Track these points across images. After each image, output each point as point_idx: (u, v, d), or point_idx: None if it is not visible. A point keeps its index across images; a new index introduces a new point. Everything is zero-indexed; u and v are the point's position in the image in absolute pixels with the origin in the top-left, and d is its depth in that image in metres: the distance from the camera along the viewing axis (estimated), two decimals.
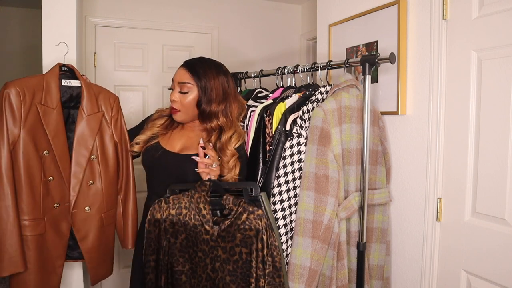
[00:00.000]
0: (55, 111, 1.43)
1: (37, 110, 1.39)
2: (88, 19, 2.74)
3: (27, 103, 1.37)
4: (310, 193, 1.39)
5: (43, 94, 1.42)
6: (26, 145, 1.37)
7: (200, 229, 1.35)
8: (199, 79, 1.49)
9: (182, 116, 1.53)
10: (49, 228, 1.45)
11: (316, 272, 1.38)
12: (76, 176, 1.48)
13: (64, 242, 1.50)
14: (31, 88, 1.39)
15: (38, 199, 1.41)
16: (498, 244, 1.33)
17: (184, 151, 1.53)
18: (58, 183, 1.46)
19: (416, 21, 1.59)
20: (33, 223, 1.40)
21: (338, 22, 1.99)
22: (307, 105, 1.50)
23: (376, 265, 1.60)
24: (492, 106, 1.35)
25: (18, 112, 1.35)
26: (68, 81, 1.51)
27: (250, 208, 1.31)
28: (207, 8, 3.09)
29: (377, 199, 1.57)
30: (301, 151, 1.45)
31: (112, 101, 1.58)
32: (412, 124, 1.61)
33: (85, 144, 1.49)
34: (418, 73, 1.59)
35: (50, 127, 1.42)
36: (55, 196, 1.46)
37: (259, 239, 1.31)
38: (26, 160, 1.37)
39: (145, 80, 2.95)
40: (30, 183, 1.39)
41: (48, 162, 1.43)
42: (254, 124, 1.61)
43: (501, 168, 1.32)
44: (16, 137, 1.35)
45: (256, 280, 1.31)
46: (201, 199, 1.34)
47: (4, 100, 1.34)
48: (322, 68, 1.64)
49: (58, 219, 1.48)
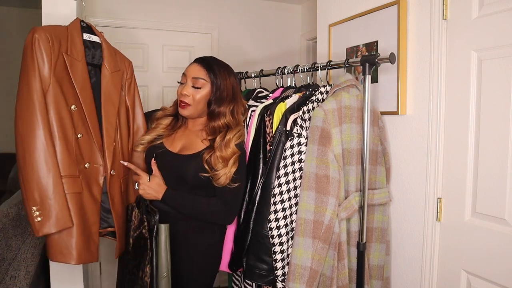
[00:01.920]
0: (80, 63, 1.34)
1: (64, 60, 1.30)
2: (88, 19, 2.74)
3: (56, 51, 1.27)
4: (310, 193, 1.39)
5: (68, 44, 1.32)
6: (57, 95, 1.26)
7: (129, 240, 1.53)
8: (214, 77, 1.51)
9: (190, 111, 1.53)
10: (85, 188, 1.33)
11: (317, 272, 1.38)
12: (109, 134, 1.38)
13: (97, 207, 1.38)
14: (58, 37, 1.29)
15: (73, 155, 1.29)
16: (498, 244, 1.33)
17: (183, 151, 1.53)
18: (87, 141, 1.35)
19: (416, 21, 1.59)
20: (70, 179, 1.28)
21: (338, 22, 1.99)
22: (308, 105, 1.50)
23: (376, 265, 1.60)
24: (492, 106, 1.35)
25: (47, 57, 1.25)
26: (89, 36, 1.43)
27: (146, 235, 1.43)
28: (207, 8, 3.10)
29: (377, 199, 1.57)
30: (302, 151, 1.45)
31: (127, 64, 1.54)
32: (412, 124, 1.61)
33: (112, 102, 1.41)
34: (418, 73, 1.59)
35: (77, 79, 1.32)
36: (85, 156, 1.34)
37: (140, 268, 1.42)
38: (57, 111, 1.26)
39: (145, 80, 2.95)
40: (64, 137, 1.27)
41: (76, 118, 1.32)
42: (254, 124, 1.61)
43: (501, 168, 1.32)
44: (47, 84, 1.24)
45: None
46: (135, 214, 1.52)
47: (34, 43, 1.23)
48: (322, 68, 1.64)
49: (90, 181, 1.36)
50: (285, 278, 1.45)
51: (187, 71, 1.54)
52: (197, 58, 1.58)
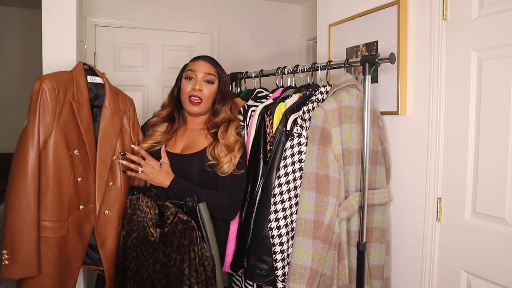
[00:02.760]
0: (85, 107, 1.39)
1: (72, 106, 1.34)
2: (88, 19, 2.75)
3: (61, 99, 1.32)
4: (311, 193, 1.39)
5: (74, 90, 1.37)
6: (57, 143, 1.31)
7: (148, 231, 1.44)
8: (222, 72, 1.59)
9: (202, 107, 1.55)
10: (72, 230, 1.39)
11: (317, 272, 1.38)
12: (102, 176, 1.42)
13: (84, 244, 1.44)
14: (64, 84, 1.34)
15: (64, 201, 1.35)
16: (498, 244, 1.33)
17: (186, 151, 1.54)
18: (86, 184, 1.41)
19: (416, 21, 1.59)
20: (56, 225, 1.34)
21: (338, 22, 1.99)
22: (308, 105, 1.51)
23: (376, 265, 1.60)
24: (492, 106, 1.35)
25: (52, 107, 1.30)
26: (93, 78, 1.47)
27: (185, 218, 1.38)
28: (207, 8, 3.10)
29: (377, 199, 1.57)
30: (302, 151, 1.45)
31: (128, 102, 1.58)
32: (412, 124, 1.61)
33: (109, 143, 1.45)
34: (418, 73, 1.59)
35: (83, 124, 1.37)
36: (81, 198, 1.41)
37: (191, 249, 1.38)
38: (56, 159, 1.32)
39: (145, 80, 2.95)
40: (58, 184, 1.33)
41: (77, 162, 1.37)
42: (254, 124, 1.61)
43: (501, 168, 1.32)
44: (48, 135, 1.29)
45: (189, 286, 1.36)
46: (148, 204, 1.44)
47: (39, 95, 1.28)
48: (322, 68, 1.64)
49: (82, 221, 1.42)
50: (285, 278, 1.45)
51: (195, 67, 1.55)
52: (201, 56, 1.61)
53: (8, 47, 4.20)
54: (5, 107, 4.07)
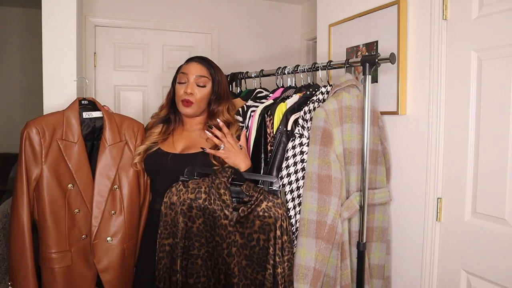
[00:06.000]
0: (76, 145, 1.45)
1: (58, 145, 1.42)
2: (88, 19, 2.75)
3: (47, 140, 1.41)
4: (313, 193, 1.39)
5: (63, 129, 1.44)
6: (49, 181, 1.40)
7: (219, 214, 1.38)
8: (215, 74, 1.57)
9: (194, 109, 1.55)
10: (78, 259, 1.45)
11: (320, 272, 1.38)
12: (98, 206, 1.47)
13: (92, 273, 1.49)
14: (51, 125, 1.43)
15: (63, 232, 1.42)
16: (498, 244, 1.34)
17: (186, 150, 1.53)
18: (84, 215, 1.47)
19: (416, 21, 1.59)
20: (60, 255, 1.42)
21: (338, 22, 2.00)
22: (309, 105, 1.50)
23: (376, 265, 1.60)
24: (492, 106, 1.35)
25: (38, 149, 1.39)
26: (89, 113, 1.53)
27: (271, 197, 1.37)
28: (207, 8, 3.10)
29: (377, 199, 1.57)
30: (304, 151, 1.45)
31: (136, 129, 1.59)
32: (412, 124, 1.61)
33: (107, 174, 1.49)
34: (418, 73, 1.59)
35: (72, 161, 1.44)
36: (82, 228, 1.47)
37: (278, 226, 1.35)
38: (50, 195, 1.40)
39: (145, 80, 2.95)
40: (54, 217, 1.41)
41: (74, 195, 1.45)
42: (255, 125, 1.61)
43: (501, 168, 1.32)
44: (38, 175, 1.39)
45: (273, 266, 1.34)
46: (222, 185, 1.38)
47: (25, 139, 1.39)
48: (323, 68, 1.64)
49: (87, 250, 1.48)
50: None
51: (187, 70, 1.55)
52: (193, 57, 1.60)
53: (8, 47, 4.20)
54: (5, 107, 4.07)
